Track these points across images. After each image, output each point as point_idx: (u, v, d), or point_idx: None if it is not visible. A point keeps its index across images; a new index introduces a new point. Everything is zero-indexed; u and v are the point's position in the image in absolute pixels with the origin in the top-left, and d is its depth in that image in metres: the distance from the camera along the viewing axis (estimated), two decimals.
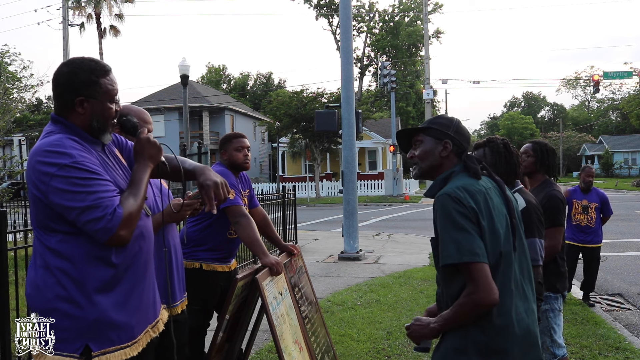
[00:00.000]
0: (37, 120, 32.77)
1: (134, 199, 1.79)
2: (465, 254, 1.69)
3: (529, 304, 1.86)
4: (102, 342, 1.75)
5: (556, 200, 3.16)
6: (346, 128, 9.46)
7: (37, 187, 1.71)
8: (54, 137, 1.76)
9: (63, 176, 1.68)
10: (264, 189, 18.37)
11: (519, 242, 1.88)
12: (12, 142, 21.77)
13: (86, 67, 1.82)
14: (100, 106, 1.83)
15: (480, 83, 37.96)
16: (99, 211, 1.67)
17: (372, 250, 10.06)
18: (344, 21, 9.65)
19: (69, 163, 1.69)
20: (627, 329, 5.17)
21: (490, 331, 1.74)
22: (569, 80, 67.84)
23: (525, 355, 1.79)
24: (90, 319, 1.73)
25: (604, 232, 6.31)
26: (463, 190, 1.78)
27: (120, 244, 1.75)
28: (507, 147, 2.67)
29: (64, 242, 1.74)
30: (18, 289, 3.78)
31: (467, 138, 1.98)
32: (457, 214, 1.74)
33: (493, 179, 1.95)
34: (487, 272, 1.69)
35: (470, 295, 1.70)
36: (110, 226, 1.68)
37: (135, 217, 1.77)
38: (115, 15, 32.19)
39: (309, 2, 45.76)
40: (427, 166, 1.97)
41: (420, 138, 2.00)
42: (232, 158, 3.43)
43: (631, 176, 48.93)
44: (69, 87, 1.81)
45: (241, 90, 61.45)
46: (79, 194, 1.67)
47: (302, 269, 3.82)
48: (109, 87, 1.85)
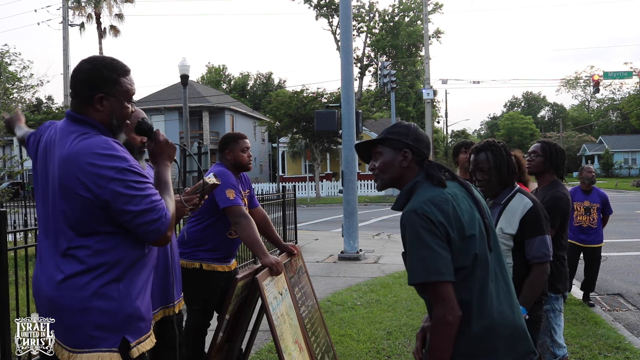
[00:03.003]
0: (37, 120, 32.70)
1: (171, 200, 1.90)
2: (432, 273, 1.68)
3: (512, 299, 1.85)
4: (135, 334, 1.82)
5: (557, 201, 3.16)
6: (346, 128, 9.46)
7: (89, 188, 1.71)
8: (99, 138, 1.77)
9: (121, 179, 1.71)
10: (264, 189, 18.39)
11: (493, 241, 1.87)
12: (12, 142, 21.78)
13: (108, 65, 1.86)
14: (118, 105, 1.87)
15: (480, 83, 37.97)
16: (154, 214, 1.75)
17: (372, 250, 10.07)
18: (344, 21, 9.65)
19: (126, 167, 1.73)
20: (627, 329, 5.17)
21: (473, 338, 1.74)
22: (569, 80, 67.87)
23: (513, 349, 1.79)
24: (126, 313, 1.79)
25: (604, 232, 6.31)
26: (429, 204, 1.75)
27: (164, 244, 1.86)
28: (506, 149, 2.72)
29: (104, 241, 1.77)
30: (18, 289, 3.78)
31: (426, 144, 1.94)
32: (423, 231, 1.71)
33: (458, 182, 1.92)
34: (451, 291, 1.69)
35: (439, 318, 1.69)
36: (163, 228, 1.78)
37: (175, 218, 1.87)
38: (115, 15, 32.18)
39: (309, 2, 45.74)
40: (388, 178, 1.93)
41: (379, 150, 1.95)
42: (237, 159, 3.42)
43: (631, 176, 48.90)
44: (90, 83, 1.83)
45: (241, 90, 61.45)
46: (135, 197, 1.73)
47: (302, 269, 3.82)
48: (128, 87, 1.89)
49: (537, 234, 2.54)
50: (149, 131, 2.06)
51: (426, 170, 1.88)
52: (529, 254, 2.56)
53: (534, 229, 2.55)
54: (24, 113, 2.65)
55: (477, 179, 2.71)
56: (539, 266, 2.55)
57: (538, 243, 2.54)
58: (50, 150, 1.84)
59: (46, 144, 1.88)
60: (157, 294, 2.37)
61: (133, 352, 1.80)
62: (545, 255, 2.54)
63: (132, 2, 32.49)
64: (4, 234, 3.27)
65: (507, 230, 2.59)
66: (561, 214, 3.14)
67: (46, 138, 1.91)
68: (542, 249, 2.54)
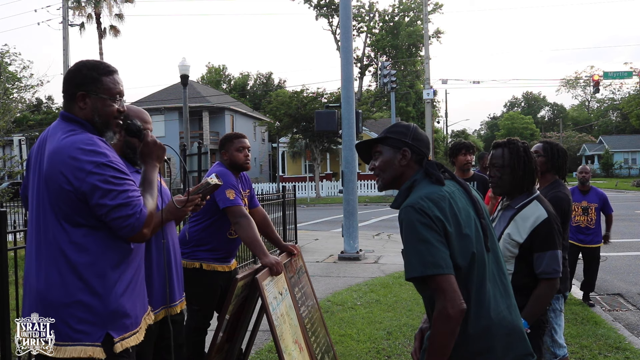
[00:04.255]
0: (37, 120, 32.78)
1: (151, 199, 1.94)
2: (429, 266, 1.68)
3: (510, 300, 1.85)
4: (119, 330, 1.86)
5: (558, 201, 3.15)
6: (346, 128, 9.46)
7: (70, 181, 1.78)
8: (84, 135, 1.86)
9: (99, 173, 1.78)
10: (264, 189, 18.40)
11: (491, 241, 1.86)
12: (12, 142, 21.79)
13: (90, 65, 1.97)
14: (101, 103, 1.94)
15: (480, 83, 37.93)
16: (129, 209, 1.80)
17: (372, 250, 10.07)
18: (344, 21, 9.65)
19: (105, 162, 1.80)
20: (627, 329, 5.17)
21: (470, 338, 1.74)
22: (569, 80, 67.78)
23: (511, 349, 1.78)
24: (110, 309, 1.83)
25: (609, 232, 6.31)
26: (426, 199, 1.76)
27: (141, 241, 1.91)
28: (527, 151, 2.58)
29: (87, 236, 1.82)
30: (18, 289, 3.78)
31: (426, 144, 1.95)
32: (420, 225, 1.72)
33: (456, 181, 1.92)
34: (452, 283, 1.67)
35: (439, 311, 1.68)
36: (138, 224, 1.81)
37: (154, 216, 1.92)
38: (115, 15, 32.19)
39: (309, 2, 45.71)
40: (389, 177, 1.95)
41: (379, 149, 1.97)
42: (233, 158, 3.42)
43: (631, 176, 48.88)
44: (72, 81, 1.94)
45: (241, 90, 61.43)
46: (112, 192, 1.79)
47: (302, 269, 3.82)
48: (110, 86, 1.97)
49: (549, 249, 2.39)
50: (138, 132, 2.16)
51: (425, 168, 1.89)
52: (538, 268, 2.41)
53: (545, 242, 2.40)
54: (23, 113, 2.68)
55: (489, 175, 2.64)
56: (548, 282, 2.40)
57: (549, 258, 2.39)
58: (42, 146, 1.93)
59: (39, 142, 1.97)
60: (159, 294, 2.37)
61: (116, 347, 1.84)
62: (555, 272, 2.40)
63: (132, 2, 32.50)
64: (4, 234, 3.27)
65: (514, 237, 2.45)
66: (562, 214, 3.14)
67: (41, 136, 2.00)
68: (553, 265, 2.40)
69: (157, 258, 2.36)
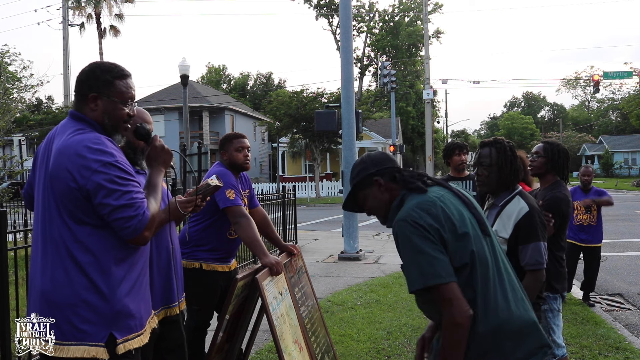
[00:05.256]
0: (37, 120, 32.74)
1: (155, 202, 1.93)
2: (429, 277, 1.68)
3: (517, 294, 1.83)
4: (123, 331, 1.86)
5: (557, 202, 3.14)
6: (346, 128, 9.46)
7: (75, 179, 1.78)
8: (92, 134, 1.86)
9: (105, 172, 1.78)
10: (264, 189, 18.38)
11: (489, 229, 1.87)
12: (12, 142, 21.80)
13: (104, 67, 1.98)
14: (112, 106, 1.95)
15: (480, 83, 37.99)
16: (132, 210, 1.79)
17: (372, 250, 10.07)
18: (344, 21, 9.65)
19: (111, 161, 1.80)
20: (627, 329, 5.17)
21: (480, 338, 1.73)
22: (569, 80, 67.81)
23: (523, 344, 1.77)
24: (115, 310, 1.83)
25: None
26: (417, 209, 1.76)
27: (142, 244, 1.89)
28: (513, 150, 2.64)
29: (92, 235, 1.82)
30: (18, 289, 3.78)
31: (385, 160, 1.99)
32: (415, 237, 1.72)
33: (440, 184, 1.93)
34: (455, 290, 1.68)
35: (447, 320, 1.68)
36: (139, 226, 1.80)
37: (156, 219, 1.91)
38: (115, 15, 32.24)
39: (309, 2, 45.73)
40: (382, 209, 1.98)
41: (360, 197, 2.03)
42: (232, 158, 3.42)
43: (631, 176, 48.87)
44: (85, 82, 1.95)
45: (241, 90, 61.41)
46: (116, 192, 1.78)
47: (302, 269, 3.82)
48: (123, 90, 1.97)
49: (531, 241, 2.46)
50: (146, 136, 2.16)
51: (402, 182, 1.92)
52: (522, 261, 2.48)
53: (528, 235, 2.47)
54: (23, 113, 2.70)
55: (477, 173, 2.67)
56: (532, 273, 2.48)
57: (532, 250, 2.46)
58: (50, 144, 1.93)
59: (47, 140, 1.97)
60: (159, 294, 2.37)
61: (119, 348, 1.83)
62: (538, 263, 2.47)
63: (132, 2, 32.56)
64: (4, 234, 3.26)
65: (501, 234, 2.52)
66: (560, 215, 3.13)
67: (49, 135, 2.00)
68: (536, 257, 2.46)
69: (157, 258, 2.36)
